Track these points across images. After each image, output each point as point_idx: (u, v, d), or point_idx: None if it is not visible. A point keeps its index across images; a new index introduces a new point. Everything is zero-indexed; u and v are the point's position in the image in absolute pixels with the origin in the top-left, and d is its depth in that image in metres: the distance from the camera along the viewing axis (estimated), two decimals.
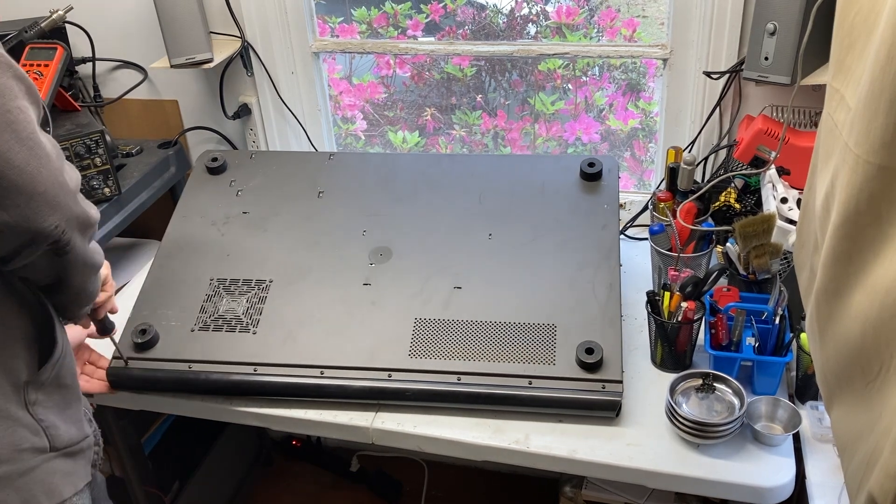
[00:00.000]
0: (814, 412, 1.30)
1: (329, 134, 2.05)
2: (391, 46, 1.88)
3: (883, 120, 0.67)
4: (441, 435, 1.32)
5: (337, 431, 1.37)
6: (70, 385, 1.10)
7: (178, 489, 1.93)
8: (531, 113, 1.95)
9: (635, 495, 1.70)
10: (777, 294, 1.35)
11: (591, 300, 1.40)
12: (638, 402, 1.35)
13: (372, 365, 1.36)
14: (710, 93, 1.66)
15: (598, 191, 1.57)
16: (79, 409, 1.12)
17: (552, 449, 1.28)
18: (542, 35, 1.84)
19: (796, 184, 1.47)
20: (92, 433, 1.16)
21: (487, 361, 1.34)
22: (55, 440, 1.04)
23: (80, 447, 1.10)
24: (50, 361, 1.05)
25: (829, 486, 1.20)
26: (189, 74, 1.95)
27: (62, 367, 1.07)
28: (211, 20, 1.83)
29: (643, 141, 1.92)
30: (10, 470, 0.98)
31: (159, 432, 1.90)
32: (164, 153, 1.93)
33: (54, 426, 1.05)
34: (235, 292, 1.49)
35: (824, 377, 0.86)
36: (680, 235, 1.50)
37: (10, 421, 0.99)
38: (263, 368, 1.38)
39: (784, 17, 1.41)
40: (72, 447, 1.08)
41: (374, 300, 1.45)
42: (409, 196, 1.62)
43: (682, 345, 1.39)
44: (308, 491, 2.31)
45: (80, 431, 1.11)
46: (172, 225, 1.63)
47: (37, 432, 1.02)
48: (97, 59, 1.95)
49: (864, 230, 0.73)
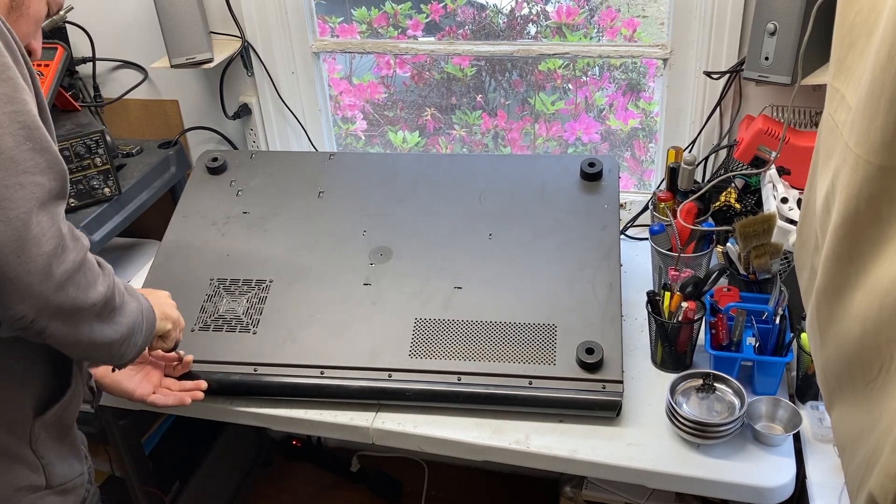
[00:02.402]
0: (814, 412, 1.30)
1: (329, 134, 2.05)
2: (391, 46, 1.88)
3: (883, 120, 0.67)
4: (441, 435, 1.32)
5: (337, 431, 1.37)
6: (70, 425, 1.10)
7: (178, 489, 1.93)
8: (531, 113, 1.95)
9: (635, 495, 1.70)
10: (777, 294, 1.35)
11: (591, 300, 1.39)
12: (638, 403, 1.35)
13: (372, 365, 1.36)
14: (710, 93, 1.66)
15: (599, 191, 1.57)
16: (75, 446, 1.12)
17: (552, 449, 1.28)
18: (543, 35, 1.83)
19: (797, 184, 1.47)
20: (86, 470, 1.15)
21: (488, 361, 1.34)
22: (52, 478, 1.04)
23: (73, 484, 1.10)
24: (60, 402, 1.04)
25: (829, 486, 1.20)
26: (189, 74, 1.95)
27: (68, 407, 1.07)
28: (211, 20, 1.83)
29: (643, 141, 1.92)
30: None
31: (159, 432, 1.90)
32: (165, 153, 1.93)
33: (52, 464, 1.04)
34: (235, 292, 1.49)
35: (825, 377, 0.86)
36: (680, 235, 1.50)
37: (12, 459, 0.99)
38: (263, 368, 1.38)
39: (784, 17, 1.40)
40: (66, 484, 1.07)
41: (374, 300, 1.45)
42: (409, 196, 1.62)
43: (682, 345, 1.39)
44: (308, 491, 2.31)
45: (74, 469, 1.10)
46: (172, 225, 1.63)
47: (36, 469, 1.02)
48: (97, 59, 1.95)
49: (865, 230, 0.73)
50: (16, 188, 0.79)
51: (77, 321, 0.89)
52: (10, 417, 0.98)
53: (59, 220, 0.85)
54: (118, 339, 0.98)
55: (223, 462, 2.12)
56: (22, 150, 0.80)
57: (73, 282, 0.86)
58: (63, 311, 0.86)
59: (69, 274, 0.85)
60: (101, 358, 1.00)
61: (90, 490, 1.18)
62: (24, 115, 0.82)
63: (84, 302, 0.88)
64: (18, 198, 0.79)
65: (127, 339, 1.01)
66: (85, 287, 0.89)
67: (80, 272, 0.88)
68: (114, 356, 1.01)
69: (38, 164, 0.82)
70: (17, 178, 0.79)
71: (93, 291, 0.90)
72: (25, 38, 1.03)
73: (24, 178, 0.80)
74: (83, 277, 0.88)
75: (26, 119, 0.82)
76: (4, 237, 0.78)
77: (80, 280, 0.88)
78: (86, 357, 0.99)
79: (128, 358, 1.05)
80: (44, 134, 0.84)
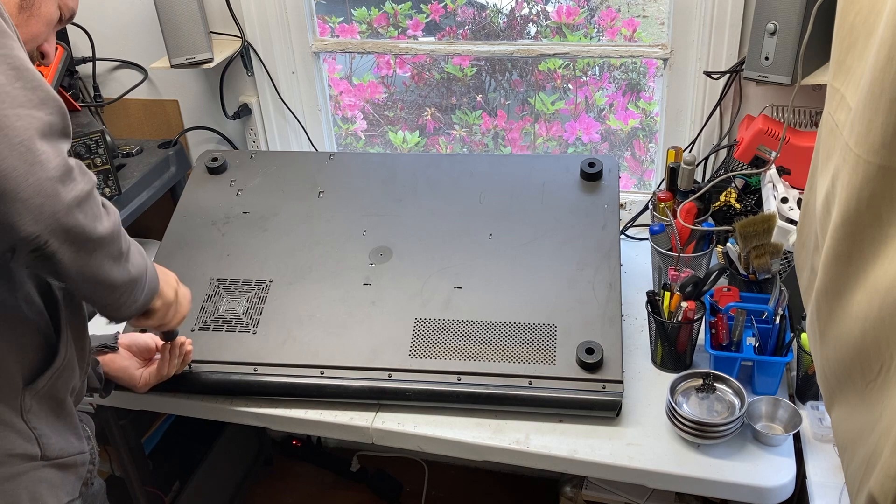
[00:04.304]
0: (814, 412, 1.30)
1: (329, 134, 2.05)
2: (391, 46, 1.88)
3: (883, 119, 0.67)
4: (441, 435, 1.32)
5: (337, 431, 1.37)
6: (63, 399, 1.10)
7: (178, 489, 1.93)
8: (531, 113, 1.95)
9: (635, 495, 1.70)
10: (777, 294, 1.35)
11: (591, 300, 1.39)
12: (638, 402, 1.35)
13: (372, 365, 1.36)
14: (710, 93, 1.66)
15: (599, 191, 1.57)
16: (72, 424, 1.12)
17: (552, 449, 1.28)
18: (543, 35, 1.83)
19: (796, 184, 1.47)
20: (89, 451, 1.15)
21: (487, 361, 1.34)
22: (47, 449, 1.04)
23: (72, 460, 1.10)
24: (48, 371, 1.05)
25: (829, 486, 1.20)
26: (189, 74, 1.95)
27: (58, 380, 1.07)
28: (211, 20, 1.83)
29: (643, 141, 1.92)
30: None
31: (159, 432, 1.90)
32: (165, 153, 1.93)
33: (45, 435, 1.05)
34: (235, 292, 1.49)
35: (825, 377, 0.86)
36: (680, 235, 1.50)
37: (3, 426, 0.99)
38: (263, 368, 1.38)
39: (784, 17, 1.40)
40: (64, 458, 1.07)
41: (374, 300, 1.45)
42: (409, 196, 1.62)
43: (682, 345, 1.39)
44: (308, 491, 2.31)
45: (73, 445, 1.10)
46: (172, 225, 1.63)
47: (29, 439, 1.02)
48: (97, 59, 1.95)
49: (865, 230, 0.73)
50: (14, 118, 0.83)
51: (86, 252, 0.92)
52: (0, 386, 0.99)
53: (63, 153, 0.89)
54: (121, 283, 1.01)
55: (223, 462, 2.12)
56: (14, 87, 0.84)
57: (81, 209, 0.89)
58: (72, 235, 0.89)
59: (77, 200, 0.89)
60: (102, 300, 1.02)
61: (93, 472, 1.18)
62: (12, 58, 0.86)
63: (92, 231, 0.91)
64: (19, 126, 0.84)
65: (130, 288, 1.03)
66: (92, 217, 0.92)
67: (88, 202, 0.91)
68: (113, 303, 1.03)
69: (32, 99, 0.86)
70: (14, 110, 0.83)
71: (100, 224, 0.93)
72: (37, 40, 1.04)
73: (21, 110, 0.84)
74: (90, 208, 0.91)
75: (14, 61, 0.86)
76: (11, 161, 0.82)
77: (88, 210, 0.91)
78: (89, 295, 1.00)
79: (125, 311, 1.06)
80: (35, 74, 0.88)
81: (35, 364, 1.04)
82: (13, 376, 1.01)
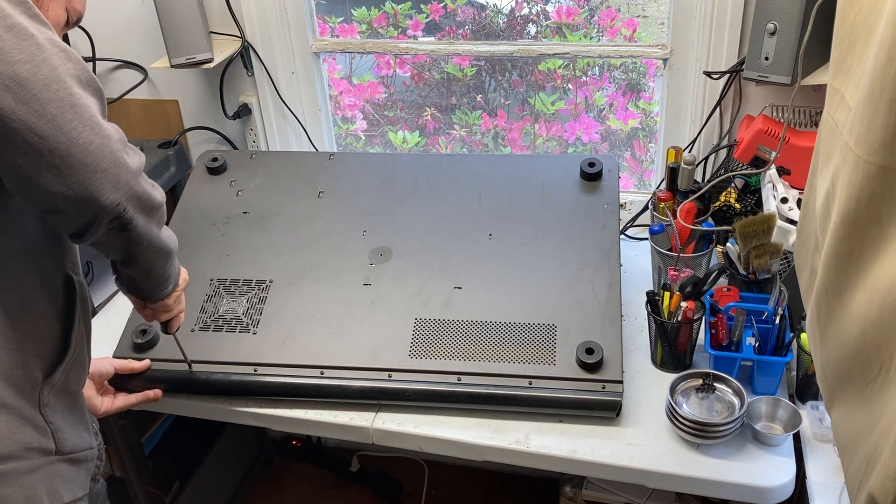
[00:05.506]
0: (814, 412, 1.30)
1: (329, 134, 2.05)
2: (391, 46, 1.88)
3: (883, 120, 0.67)
4: (441, 435, 1.32)
5: (337, 431, 1.37)
6: (76, 392, 1.10)
7: (178, 489, 1.93)
8: (531, 113, 1.95)
9: (635, 495, 1.70)
10: (777, 294, 1.35)
11: (591, 300, 1.40)
12: (638, 402, 1.35)
13: (372, 365, 1.36)
14: (710, 93, 1.66)
15: (599, 191, 1.57)
16: (83, 418, 1.13)
17: (552, 449, 1.28)
18: (543, 35, 1.83)
19: (796, 184, 1.47)
20: (97, 446, 1.16)
21: (487, 361, 1.34)
22: (62, 444, 1.05)
23: (84, 455, 1.10)
24: (62, 364, 1.05)
25: (829, 486, 1.20)
26: (189, 74, 1.95)
27: (71, 372, 1.07)
28: (211, 20, 1.83)
29: (643, 141, 1.92)
30: (17, 467, 0.99)
31: (159, 432, 1.90)
32: (165, 153, 1.93)
33: (61, 430, 1.05)
34: (235, 292, 1.49)
35: (825, 377, 0.86)
36: (680, 235, 1.50)
37: (23, 420, 1.00)
38: (263, 368, 1.38)
39: (784, 17, 1.41)
40: (76, 454, 1.08)
41: (374, 300, 1.45)
42: (409, 196, 1.62)
43: (682, 345, 1.39)
44: (308, 491, 2.31)
45: (84, 440, 1.11)
46: (172, 225, 1.63)
47: (45, 434, 1.03)
48: (97, 58, 1.95)
49: (865, 230, 0.73)
50: (80, 97, 0.89)
51: (149, 217, 1.00)
52: (21, 380, 1.00)
53: (117, 127, 0.95)
54: (173, 249, 1.11)
55: (223, 462, 2.12)
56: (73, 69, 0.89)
57: (142, 176, 0.97)
58: (142, 201, 0.96)
59: (140, 168, 0.97)
60: (158, 269, 1.10)
61: (100, 468, 1.18)
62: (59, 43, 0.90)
63: (154, 197, 1.00)
64: (84, 104, 0.89)
65: (174, 259, 1.13)
66: (149, 185, 1.00)
67: (143, 171, 0.99)
68: (165, 273, 1.12)
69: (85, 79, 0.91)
70: (79, 89, 0.89)
71: (156, 190, 1.01)
72: None
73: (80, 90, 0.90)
74: (145, 176, 0.99)
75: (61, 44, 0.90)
76: (87, 135, 0.88)
77: (145, 177, 0.99)
78: (149, 263, 1.07)
79: (171, 281, 1.16)
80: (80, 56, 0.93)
81: (51, 357, 1.05)
82: (32, 370, 1.01)
